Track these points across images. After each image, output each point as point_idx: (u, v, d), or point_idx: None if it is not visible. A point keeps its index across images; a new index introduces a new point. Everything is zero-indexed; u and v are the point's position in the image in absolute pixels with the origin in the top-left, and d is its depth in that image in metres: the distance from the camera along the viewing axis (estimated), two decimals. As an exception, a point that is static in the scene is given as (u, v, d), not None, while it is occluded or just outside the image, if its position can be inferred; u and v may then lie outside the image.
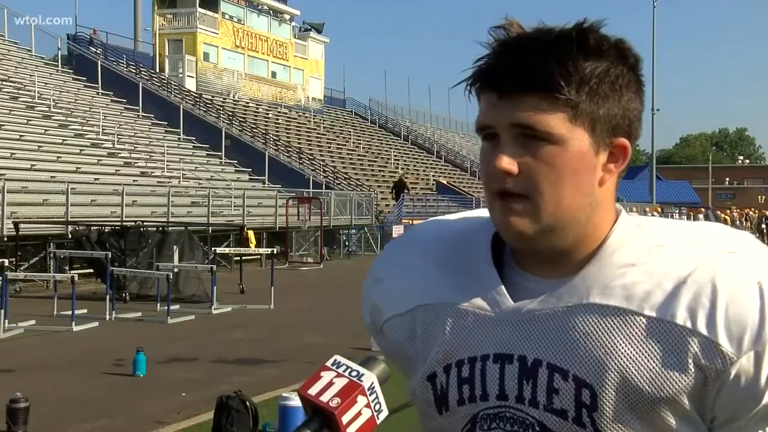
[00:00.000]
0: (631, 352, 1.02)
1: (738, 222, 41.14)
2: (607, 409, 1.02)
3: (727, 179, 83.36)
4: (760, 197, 77.53)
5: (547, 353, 1.06)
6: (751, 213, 46.73)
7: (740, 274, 1.02)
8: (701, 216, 38.18)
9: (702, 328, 1.00)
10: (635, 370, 1.02)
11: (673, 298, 1.02)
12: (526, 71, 1.03)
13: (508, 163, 1.04)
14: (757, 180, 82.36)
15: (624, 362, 1.02)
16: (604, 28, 1.07)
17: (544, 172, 1.04)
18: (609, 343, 1.03)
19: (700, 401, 1.02)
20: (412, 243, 1.23)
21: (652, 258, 1.06)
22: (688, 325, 1.01)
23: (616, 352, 1.03)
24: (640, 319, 1.03)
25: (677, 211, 39.71)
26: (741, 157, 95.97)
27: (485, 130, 1.08)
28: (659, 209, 40.25)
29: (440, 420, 1.13)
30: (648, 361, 1.02)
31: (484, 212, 1.17)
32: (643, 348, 1.02)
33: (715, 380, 1.00)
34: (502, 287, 1.11)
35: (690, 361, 1.00)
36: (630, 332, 1.03)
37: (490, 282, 1.12)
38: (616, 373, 1.02)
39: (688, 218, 37.27)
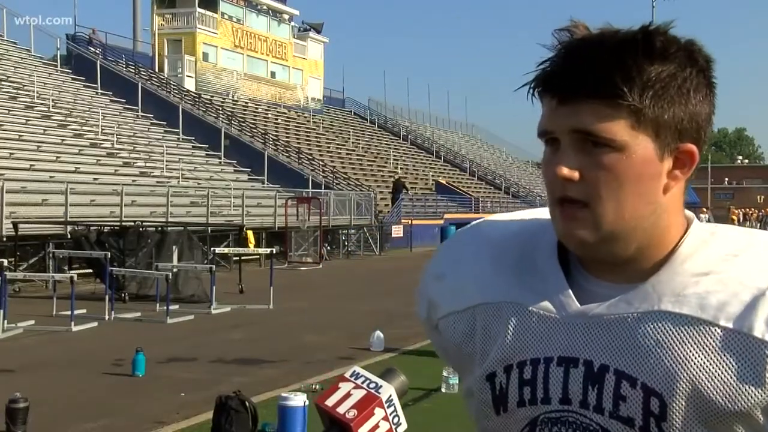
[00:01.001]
0: (704, 363, 0.99)
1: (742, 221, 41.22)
2: (677, 419, 0.99)
3: (726, 179, 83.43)
4: (759, 197, 77.59)
5: (615, 359, 1.03)
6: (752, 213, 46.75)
7: None
8: (703, 216, 38.22)
9: None
10: (708, 381, 0.99)
11: (751, 310, 0.99)
12: (587, 76, 1.01)
13: (568, 170, 1.02)
14: (756, 180, 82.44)
15: (696, 373, 0.99)
16: (674, 30, 1.05)
17: (605, 179, 1.02)
18: (681, 352, 1.00)
19: None
20: (473, 240, 1.21)
21: (727, 267, 1.03)
22: (767, 338, 0.98)
23: (689, 362, 1.00)
24: (715, 330, 1.00)
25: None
26: (740, 157, 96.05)
27: (546, 135, 1.06)
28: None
29: (497, 420, 1.11)
30: (722, 373, 0.99)
31: (544, 212, 1.15)
32: (718, 359, 0.99)
33: None
34: (569, 290, 1.08)
35: (767, 375, 0.98)
36: (704, 342, 1.00)
37: (556, 283, 1.09)
38: (687, 384, 0.99)
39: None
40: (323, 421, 0.97)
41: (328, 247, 27.35)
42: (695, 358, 1.00)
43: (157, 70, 38.33)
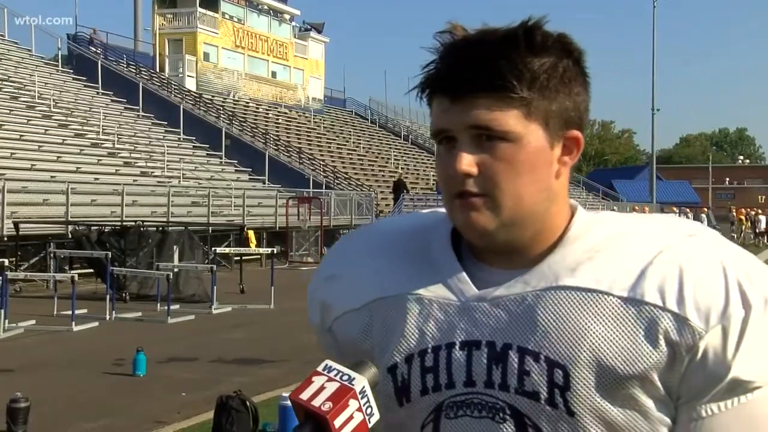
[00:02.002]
0: (603, 331, 1.04)
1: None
2: (580, 388, 1.04)
3: (727, 179, 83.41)
4: (760, 197, 77.58)
5: (517, 337, 1.07)
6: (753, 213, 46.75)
7: (704, 255, 1.06)
8: (704, 216, 38.23)
9: (672, 305, 1.03)
10: (608, 348, 1.04)
11: (642, 279, 1.05)
12: (477, 73, 1.04)
13: (467, 164, 1.06)
14: (757, 180, 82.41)
15: (596, 341, 1.04)
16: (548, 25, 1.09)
17: (503, 170, 1.06)
18: (581, 323, 1.05)
19: (669, 378, 1.04)
20: (365, 239, 1.25)
21: (615, 244, 1.09)
22: (659, 303, 1.04)
23: (588, 332, 1.04)
24: (611, 299, 1.05)
25: (677, 211, 39.73)
26: (741, 157, 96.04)
27: (441, 134, 1.09)
28: (645, 209, 40.21)
29: (401, 412, 1.13)
30: (621, 338, 1.04)
31: (438, 210, 1.19)
32: (616, 326, 1.04)
33: (684, 356, 1.03)
34: (465, 275, 1.12)
35: (661, 337, 1.03)
36: (602, 312, 1.05)
37: (452, 271, 1.13)
38: (588, 353, 1.04)
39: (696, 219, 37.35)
40: (298, 416, 0.99)
41: (329, 248, 27.32)
42: (594, 327, 1.05)
43: (158, 70, 38.35)
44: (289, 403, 6.01)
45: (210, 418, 6.31)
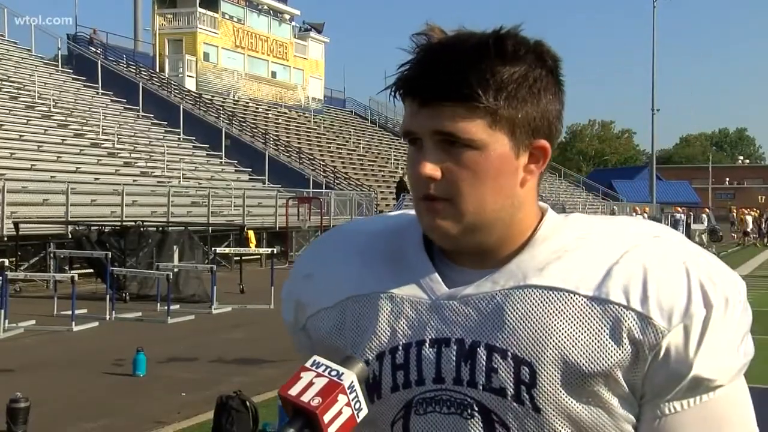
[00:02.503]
0: (568, 329, 1.06)
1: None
2: (546, 385, 1.05)
3: (727, 179, 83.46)
4: (760, 197, 77.60)
5: (486, 335, 1.08)
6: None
7: (667, 255, 1.09)
8: (704, 216, 38.20)
9: (636, 304, 1.05)
10: (573, 346, 1.05)
11: (608, 278, 1.07)
12: (445, 81, 1.06)
13: (431, 169, 1.07)
14: (757, 180, 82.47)
15: (562, 339, 1.06)
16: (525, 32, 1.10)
17: (466, 177, 1.07)
18: (547, 321, 1.07)
19: (632, 376, 1.06)
20: (339, 238, 1.26)
21: (583, 244, 1.11)
22: (623, 302, 1.06)
23: (554, 330, 1.06)
24: (577, 298, 1.07)
25: (679, 213, 39.69)
26: (741, 157, 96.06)
27: (410, 135, 1.11)
28: (646, 209, 40.18)
29: (372, 408, 1.12)
30: (585, 337, 1.06)
31: (411, 212, 1.20)
32: (580, 325, 1.06)
33: (647, 354, 1.05)
34: (436, 274, 1.14)
35: (625, 335, 1.05)
36: (567, 310, 1.07)
37: (423, 270, 1.15)
38: (554, 350, 1.05)
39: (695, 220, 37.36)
40: (287, 412, 0.99)
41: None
42: (560, 325, 1.07)
43: (157, 70, 38.35)
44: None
45: (210, 418, 6.31)
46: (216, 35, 41.26)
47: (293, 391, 0.98)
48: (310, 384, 0.98)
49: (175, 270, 14.02)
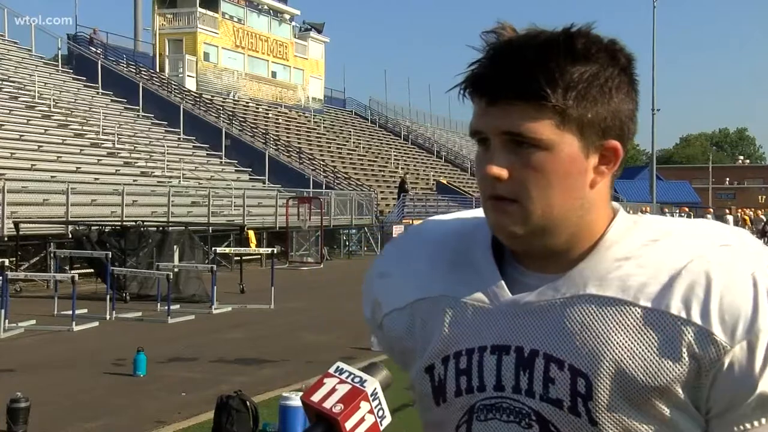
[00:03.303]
0: (626, 341, 1.04)
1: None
2: (602, 398, 1.03)
3: (727, 179, 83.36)
4: (760, 197, 77.56)
5: (544, 344, 1.07)
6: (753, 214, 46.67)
7: (734, 266, 1.04)
8: (709, 216, 38.16)
9: (696, 318, 1.02)
10: (630, 359, 1.03)
11: (668, 289, 1.04)
12: (513, 79, 1.04)
13: (497, 169, 1.06)
14: (758, 180, 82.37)
15: (619, 352, 1.03)
16: (597, 29, 1.08)
17: (533, 178, 1.06)
18: (604, 333, 1.05)
19: (694, 392, 1.03)
20: (412, 239, 1.26)
21: (647, 252, 1.08)
22: (683, 315, 1.02)
23: (611, 342, 1.04)
24: (636, 310, 1.04)
25: (677, 211, 39.65)
26: (741, 157, 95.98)
27: (477, 135, 1.10)
28: (647, 209, 40.14)
29: (438, 411, 1.15)
30: (643, 350, 1.03)
31: (481, 211, 1.19)
32: (638, 337, 1.03)
33: (709, 370, 1.01)
34: (502, 281, 1.13)
35: (684, 350, 1.02)
36: (625, 322, 1.04)
37: (489, 276, 1.14)
38: (610, 363, 1.03)
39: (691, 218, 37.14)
40: (309, 417, 0.98)
41: (329, 248, 27.33)
42: (618, 337, 1.04)
43: (158, 69, 38.34)
44: (289, 403, 6.04)
45: (210, 418, 6.31)
46: (216, 35, 41.24)
47: (316, 397, 0.98)
48: (333, 390, 0.98)
49: (175, 270, 14.02)
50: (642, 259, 1.07)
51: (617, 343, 1.04)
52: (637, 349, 1.03)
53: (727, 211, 45.11)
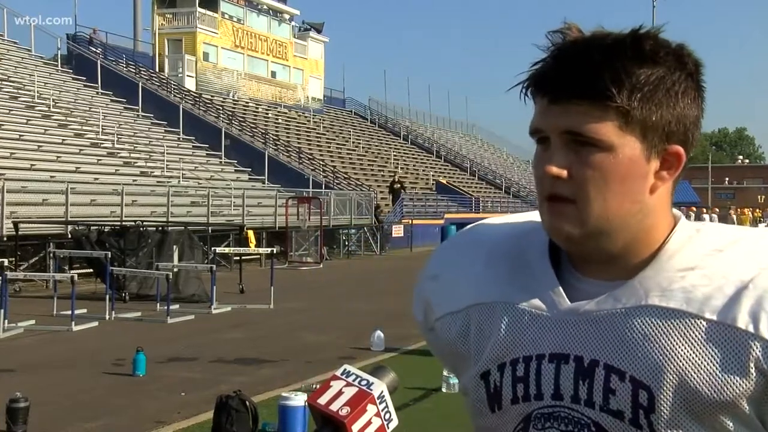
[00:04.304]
0: (690, 354, 1.01)
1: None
2: (665, 411, 1.01)
3: (727, 179, 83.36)
4: (759, 197, 77.57)
5: (604, 354, 1.05)
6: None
7: None
8: (706, 217, 38.16)
9: (765, 332, 0.99)
10: (694, 372, 1.01)
11: (735, 303, 1.01)
12: (577, 78, 1.03)
13: (557, 167, 1.05)
14: (757, 180, 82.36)
15: (683, 365, 1.01)
16: (665, 34, 1.07)
17: (592, 178, 1.04)
18: (668, 345, 1.02)
19: (760, 407, 1.01)
20: (467, 242, 1.24)
21: (712, 262, 1.05)
22: (750, 329, 1.00)
23: (675, 355, 1.02)
24: (701, 323, 1.02)
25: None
26: (741, 157, 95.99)
27: (538, 133, 1.09)
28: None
29: (492, 418, 1.13)
30: (708, 364, 1.01)
31: (537, 215, 1.18)
32: (703, 351, 1.01)
33: None
34: (560, 288, 1.11)
35: (752, 365, 0.99)
36: (690, 335, 1.02)
37: (547, 282, 1.12)
38: (674, 376, 1.01)
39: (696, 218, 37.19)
40: (315, 420, 0.98)
41: (329, 247, 27.33)
42: (681, 350, 1.02)
43: (157, 69, 38.34)
44: (288, 402, 6.04)
45: (210, 417, 6.31)
46: (216, 35, 41.24)
47: (322, 400, 0.97)
48: (340, 393, 0.98)
49: (175, 270, 14.01)
50: (707, 269, 1.04)
51: (681, 356, 1.01)
52: (701, 363, 1.01)
53: (704, 210, 44.89)
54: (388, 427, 0.98)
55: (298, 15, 48.87)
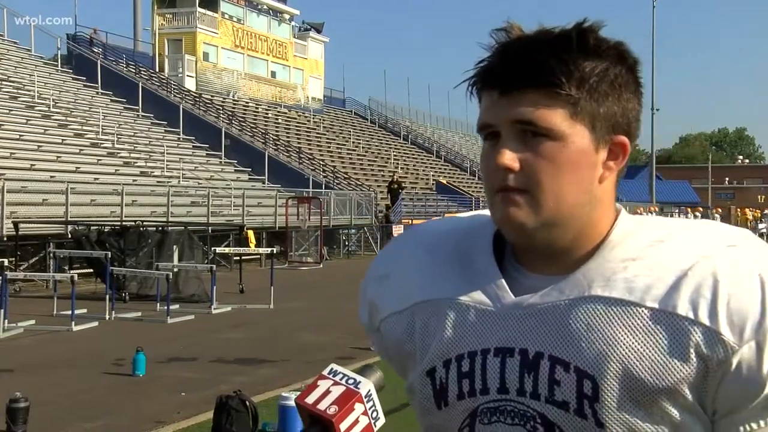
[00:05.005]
0: (632, 342, 1.03)
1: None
2: (609, 399, 1.03)
3: (727, 179, 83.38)
4: (759, 197, 77.59)
5: (549, 346, 1.06)
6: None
7: (741, 267, 1.04)
8: (716, 216, 38.20)
9: (704, 318, 1.01)
10: (637, 360, 1.02)
11: (675, 290, 1.03)
12: (526, 68, 1.04)
13: (510, 159, 1.05)
14: (757, 180, 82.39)
15: (625, 353, 1.03)
16: (603, 30, 1.08)
17: (544, 168, 1.05)
18: (610, 334, 1.04)
19: (701, 392, 1.03)
20: (410, 241, 1.24)
21: (653, 252, 1.07)
22: (690, 315, 1.02)
23: (618, 343, 1.03)
24: (642, 311, 1.04)
25: (677, 211, 39.71)
26: (740, 157, 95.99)
27: (486, 129, 1.09)
28: (655, 208, 40.16)
29: (439, 415, 1.13)
30: (650, 351, 1.02)
31: (483, 213, 1.19)
32: (645, 338, 1.03)
33: (716, 370, 1.01)
34: (503, 282, 1.12)
35: (692, 350, 1.01)
36: (632, 323, 1.04)
37: (490, 277, 1.13)
38: (617, 364, 1.03)
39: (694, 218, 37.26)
40: (303, 420, 0.98)
41: (329, 247, 27.33)
42: (624, 338, 1.03)
43: (157, 69, 38.35)
44: (288, 402, 6.03)
45: (210, 417, 6.31)
46: (216, 35, 41.25)
47: (310, 399, 0.98)
48: (327, 392, 0.98)
49: (175, 270, 14.01)
50: (648, 260, 1.06)
51: (624, 344, 1.03)
52: (644, 350, 1.02)
53: (718, 210, 45.00)
54: (375, 426, 0.98)
55: (298, 15, 48.96)
